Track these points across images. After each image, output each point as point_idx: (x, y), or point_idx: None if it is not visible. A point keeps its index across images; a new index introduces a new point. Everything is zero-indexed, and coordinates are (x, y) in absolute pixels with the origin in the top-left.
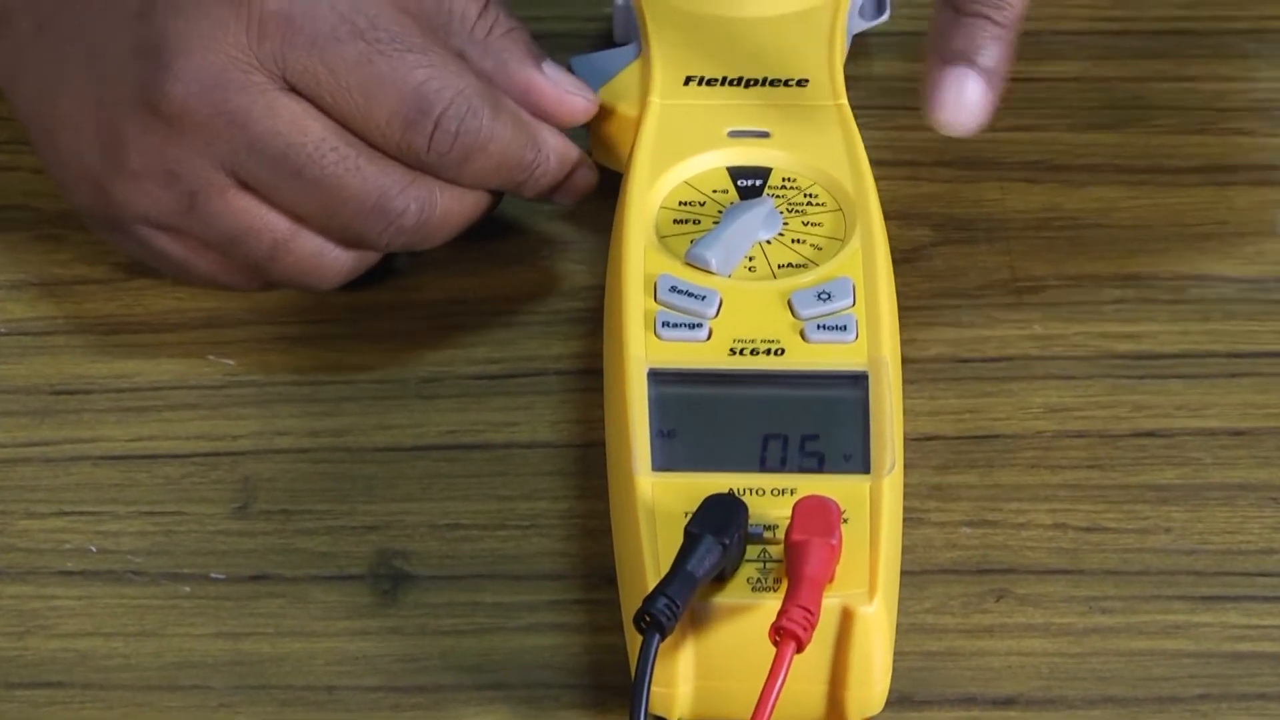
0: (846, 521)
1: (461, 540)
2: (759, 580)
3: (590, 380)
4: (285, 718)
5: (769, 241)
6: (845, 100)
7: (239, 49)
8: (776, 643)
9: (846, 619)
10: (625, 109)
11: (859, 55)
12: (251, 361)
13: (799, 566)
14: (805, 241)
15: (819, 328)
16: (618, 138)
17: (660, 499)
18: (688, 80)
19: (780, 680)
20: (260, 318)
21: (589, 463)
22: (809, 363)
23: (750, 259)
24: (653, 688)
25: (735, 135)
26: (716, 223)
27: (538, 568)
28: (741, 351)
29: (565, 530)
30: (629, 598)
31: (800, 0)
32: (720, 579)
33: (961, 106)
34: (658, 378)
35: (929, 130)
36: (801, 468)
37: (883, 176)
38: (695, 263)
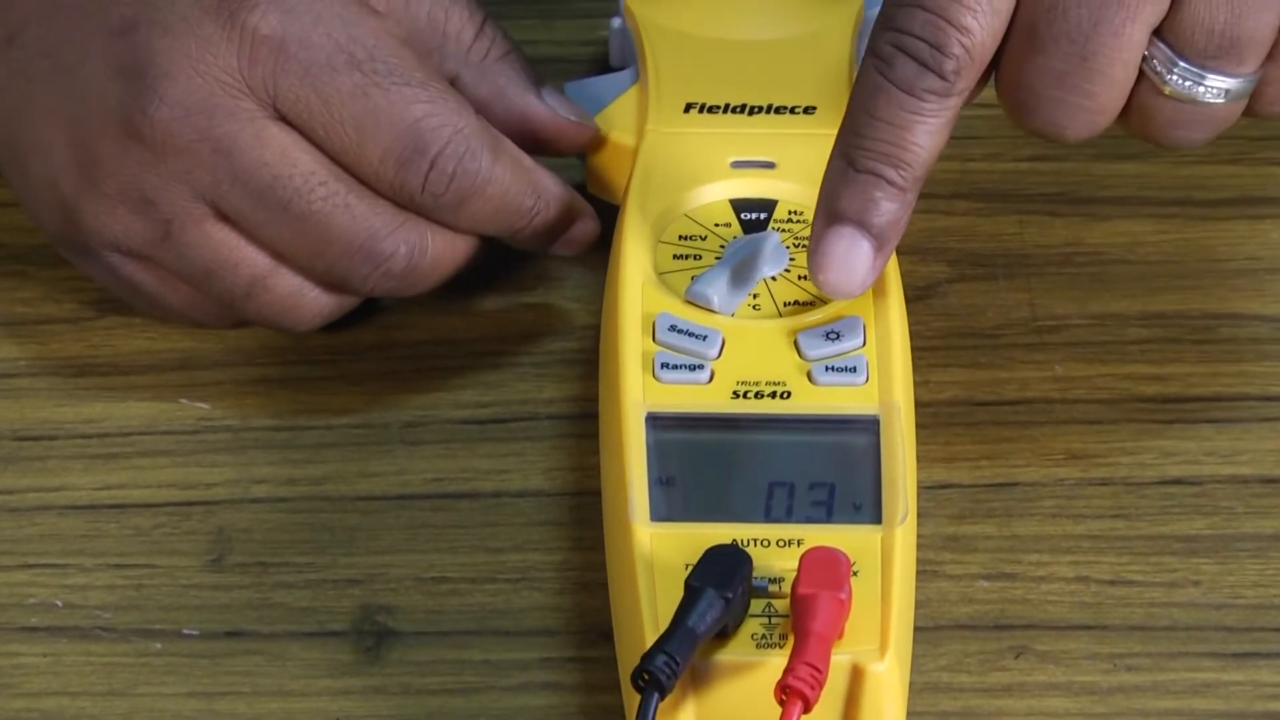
0: (856, 574)
1: (449, 594)
2: (764, 636)
3: (585, 425)
4: None
5: (774, 278)
6: None
7: (228, 73)
8: (782, 702)
9: (856, 677)
10: (622, 138)
11: None
12: (227, 405)
13: (806, 622)
14: None
15: (827, 369)
16: (614, 168)
17: (659, 550)
18: (688, 107)
19: None
20: (236, 359)
21: (584, 512)
22: (817, 406)
23: (754, 296)
24: None
25: (738, 166)
26: (719, 258)
27: (529, 623)
28: (745, 394)
29: (559, 584)
30: (626, 655)
31: (807, 23)
32: (723, 635)
33: (847, 269)
34: (657, 422)
35: (943, 160)
36: (809, 518)
37: None
38: (696, 301)
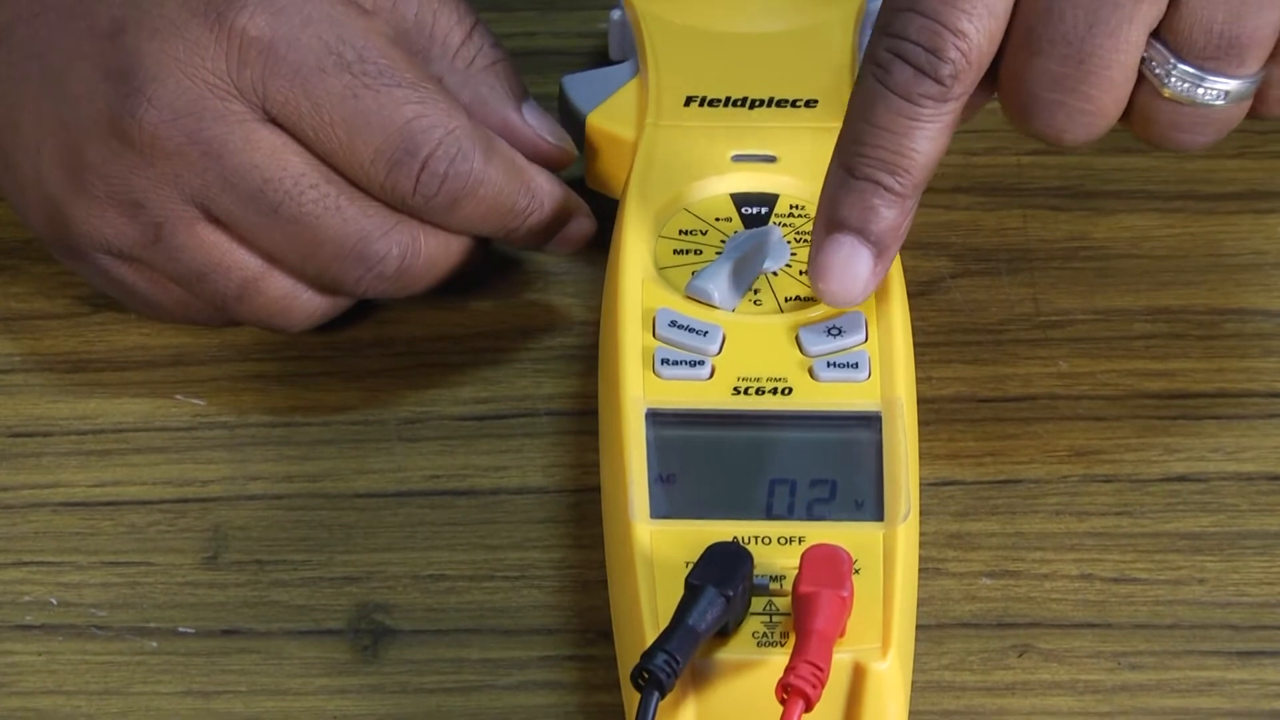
0: (858, 572)
1: (447, 592)
2: (765, 635)
3: (585, 422)
4: None
5: (775, 273)
6: None
7: (217, 75)
8: (784, 701)
9: (858, 676)
10: (621, 132)
11: None
12: (222, 402)
13: (808, 620)
14: None
15: (829, 365)
16: (614, 162)
17: (659, 548)
18: (688, 101)
19: None
20: (232, 355)
21: (583, 510)
22: (818, 403)
23: (755, 292)
24: None
25: (739, 160)
26: (719, 253)
27: (528, 621)
28: (746, 391)
29: (558, 582)
30: (626, 654)
31: (808, 16)
32: (724, 633)
33: (848, 278)
34: (657, 419)
35: (948, 154)
36: (810, 515)
37: None
38: (696, 296)
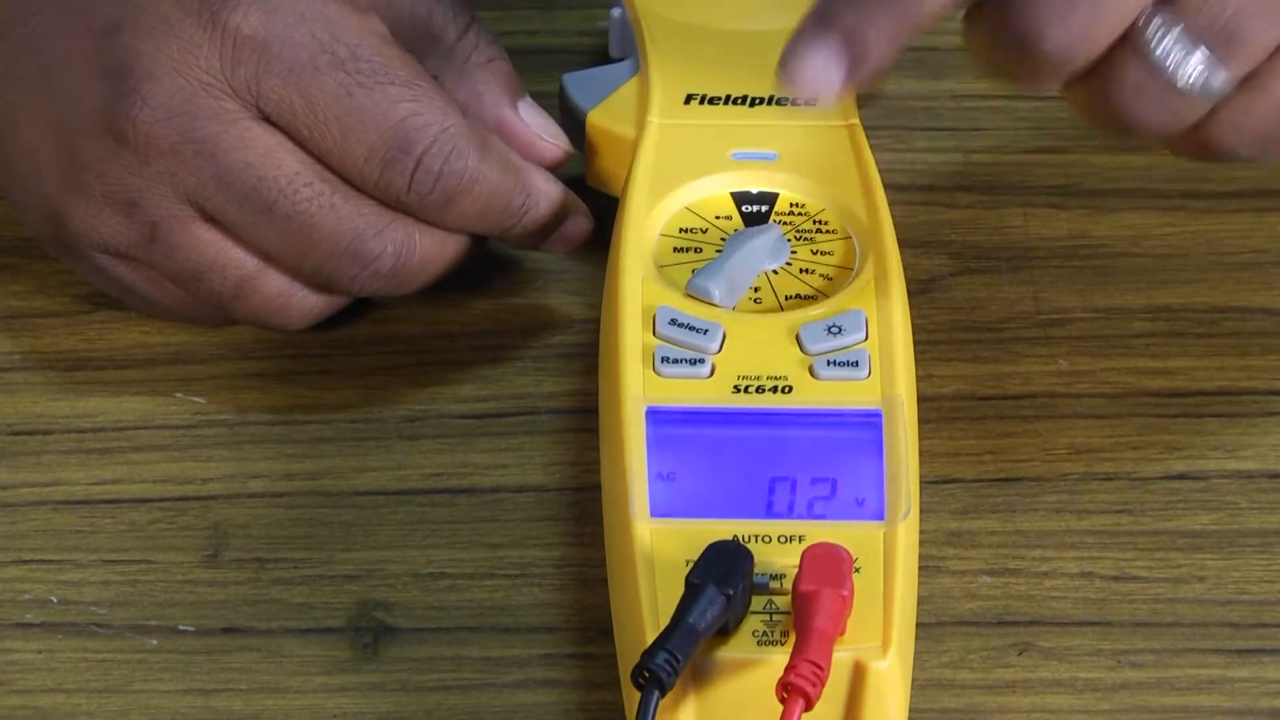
0: (859, 570)
1: (447, 590)
2: (765, 633)
3: (585, 420)
4: None
5: (775, 271)
6: (857, 120)
7: (211, 74)
8: (784, 700)
9: (858, 674)
10: (622, 129)
11: None
12: (222, 400)
13: (808, 619)
14: (814, 271)
15: (829, 364)
16: (614, 160)
17: (660, 547)
18: (689, 98)
19: None
20: (232, 353)
21: (583, 508)
22: (818, 401)
23: (755, 290)
24: None
25: (740, 158)
26: (719, 251)
27: (528, 620)
28: (746, 389)
29: (558, 580)
30: (626, 652)
31: None
32: (724, 632)
33: (823, 78)
34: (657, 417)
35: (946, 152)
36: (810, 513)
37: (897, 202)
38: (697, 294)
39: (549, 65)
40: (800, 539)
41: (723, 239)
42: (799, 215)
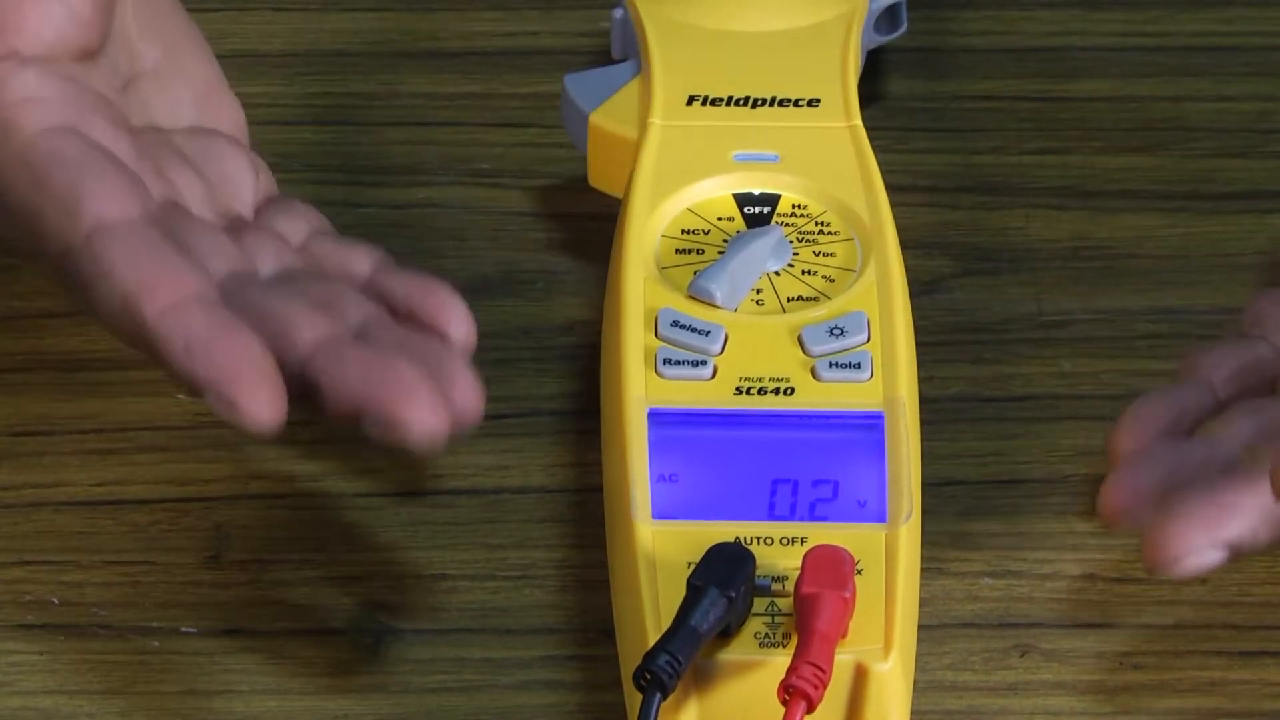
0: (860, 573)
1: (449, 592)
2: (767, 635)
3: (586, 421)
4: None
5: (778, 273)
6: (859, 121)
7: None
8: (785, 702)
9: (860, 677)
10: (624, 131)
11: (874, 73)
12: None
13: (810, 621)
14: (816, 273)
15: (831, 365)
16: (616, 161)
17: (661, 548)
18: (691, 100)
19: None
20: None
21: (585, 509)
22: (820, 403)
23: (758, 292)
24: None
25: (742, 159)
26: (722, 253)
27: (530, 621)
28: (748, 391)
29: (560, 581)
30: (628, 654)
31: (811, 14)
32: (725, 634)
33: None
34: (659, 419)
35: (948, 153)
36: (812, 515)
37: (899, 203)
38: (699, 296)
39: (551, 66)
40: (802, 541)
41: (725, 240)
42: (801, 217)
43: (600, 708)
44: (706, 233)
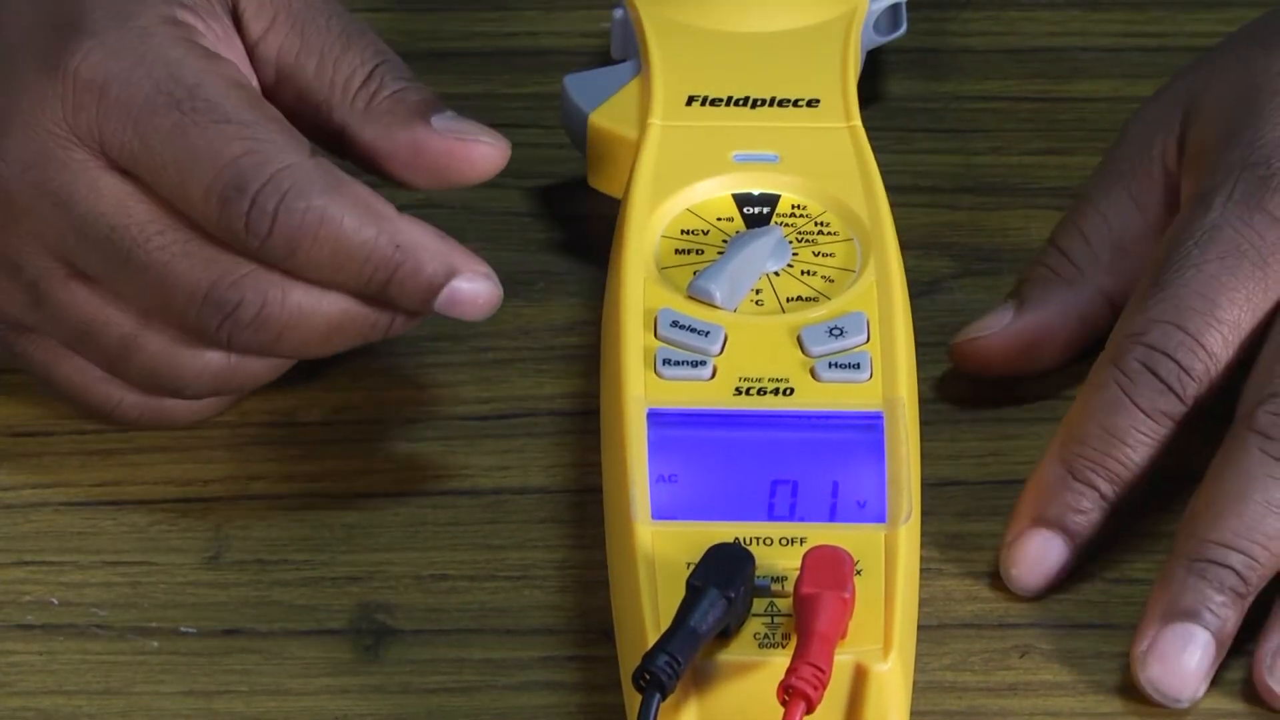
0: (860, 573)
1: (449, 592)
2: (766, 636)
3: (586, 422)
4: None
5: (777, 273)
6: (859, 122)
7: (56, 123)
8: (785, 702)
9: (860, 677)
10: (623, 131)
11: (873, 73)
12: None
13: (809, 621)
14: (816, 273)
15: (831, 366)
16: (615, 162)
17: (661, 549)
18: (690, 100)
19: None
20: None
21: (585, 510)
22: (820, 403)
23: (757, 292)
24: None
25: (741, 159)
26: (721, 253)
27: (530, 622)
28: (748, 391)
29: (559, 582)
30: (627, 654)
31: (811, 15)
32: (725, 634)
33: (1040, 569)
34: (658, 419)
35: (948, 153)
36: (812, 516)
37: (899, 204)
38: (698, 296)
39: (551, 66)
40: (802, 541)
41: (724, 241)
42: (800, 217)
43: (600, 708)
44: (706, 233)
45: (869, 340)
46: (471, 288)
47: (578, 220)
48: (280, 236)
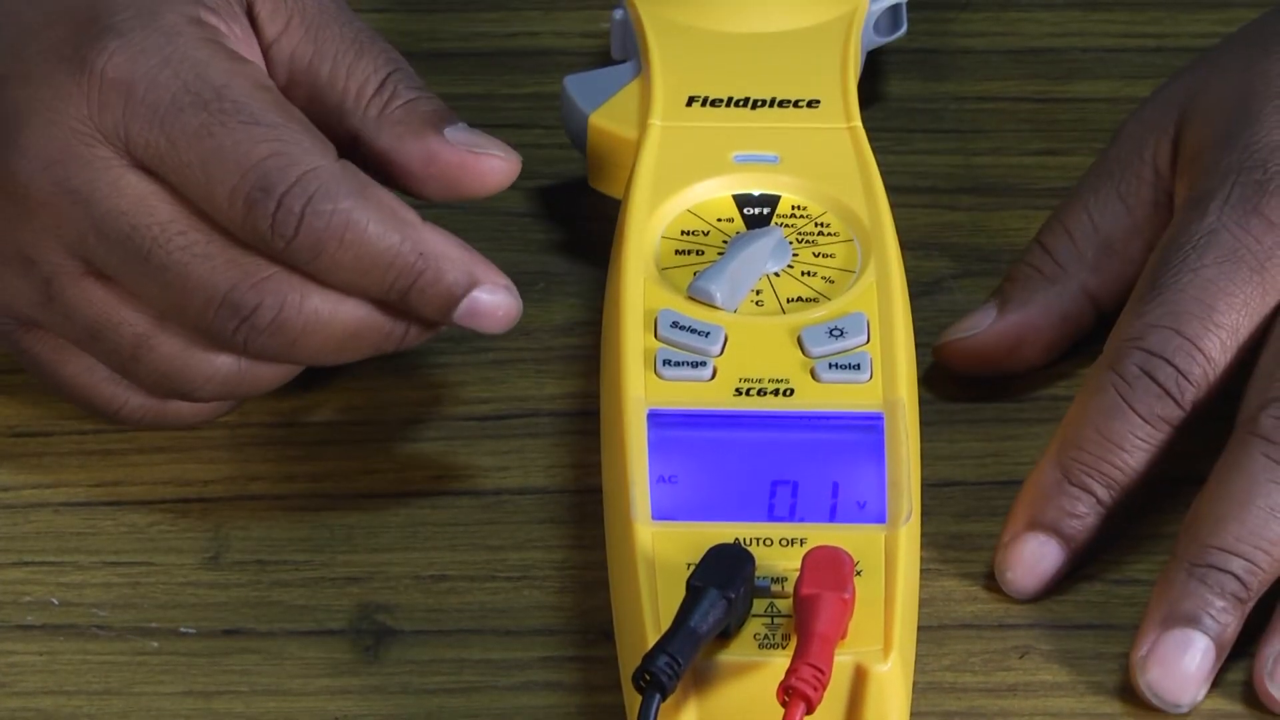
0: (860, 574)
1: (448, 593)
2: (766, 637)
3: (586, 422)
4: None
5: (777, 274)
6: (859, 122)
7: (80, 120)
8: (785, 703)
9: (860, 678)
10: (624, 131)
11: (873, 74)
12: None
13: (809, 622)
14: (816, 274)
15: (831, 367)
16: (615, 162)
17: (661, 549)
18: (691, 101)
19: None
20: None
21: (585, 510)
22: (820, 404)
23: (757, 293)
24: None
25: (741, 160)
26: (721, 254)
27: (530, 622)
28: (748, 392)
29: (559, 582)
30: (628, 655)
31: (811, 15)
32: (725, 635)
33: (1036, 573)
34: (658, 420)
35: (948, 154)
36: (812, 517)
37: (899, 204)
38: (698, 297)
39: (551, 67)
40: (802, 542)
41: (724, 241)
42: (801, 218)
43: (600, 709)
44: (706, 234)
45: (869, 341)
46: (492, 299)
47: (578, 221)
48: (305, 239)
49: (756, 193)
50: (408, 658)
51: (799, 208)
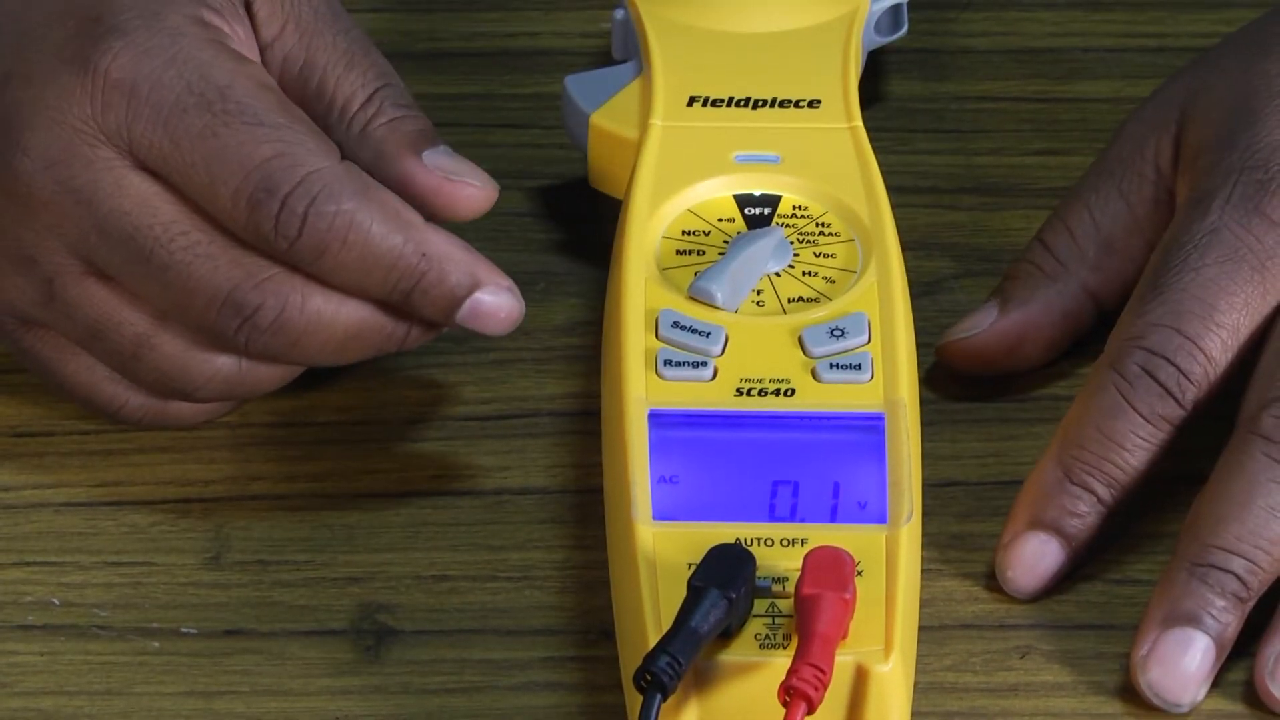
0: (861, 574)
1: (449, 593)
2: (767, 637)
3: (587, 422)
4: None
5: (778, 274)
6: (860, 122)
7: (84, 120)
8: (786, 703)
9: (861, 678)
10: (624, 131)
11: (874, 74)
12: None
13: (810, 622)
14: (817, 274)
15: (832, 367)
16: (616, 162)
17: (662, 550)
18: (691, 101)
19: None
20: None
21: (586, 510)
22: (821, 404)
23: (758, 293)
24: None
25: (742, 160)
26: (722, 254)
27: (531, 622)
28: (749, 392)
29: (560, 582)
30: (628, 655)
31: (812, 15)
32: (726, 635)
33: (1036, 572)
34: (659, 420)
35: (949, 154)
36: (813, 517)
37: (900, 204)
38: (699, 297)
39: (552, 67)
40: (803, 542)
41: (725, 241)
42: (802, 218)
43: (601, 709)
44: (707, 234)
45: (870, 341)
46: (494, 301)
47: (578, 220)
48: (309, 239)
49: (757, 193)
50: (409, 658)
51: (800, 208)
